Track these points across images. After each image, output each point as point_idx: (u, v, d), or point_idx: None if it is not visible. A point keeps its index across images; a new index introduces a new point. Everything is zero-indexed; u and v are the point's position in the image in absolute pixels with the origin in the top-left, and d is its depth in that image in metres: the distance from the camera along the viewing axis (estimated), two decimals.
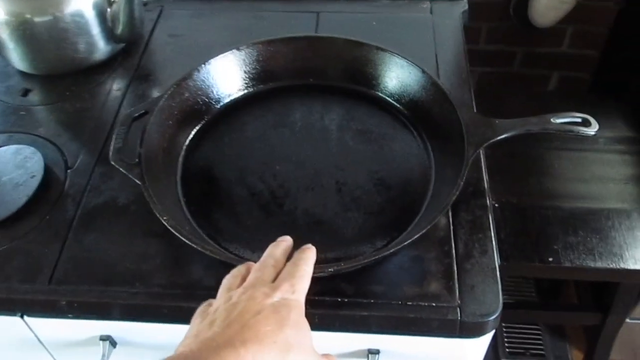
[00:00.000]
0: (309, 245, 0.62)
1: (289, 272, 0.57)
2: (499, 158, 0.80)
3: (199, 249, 0.66)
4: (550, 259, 1.02)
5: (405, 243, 0.67)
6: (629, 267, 1.02)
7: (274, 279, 0.57)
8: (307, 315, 0.56)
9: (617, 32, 1.57)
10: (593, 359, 1.34)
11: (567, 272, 1.03)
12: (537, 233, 1.05)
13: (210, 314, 0.54)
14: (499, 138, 0.77)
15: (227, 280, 0.59)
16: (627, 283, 1.16)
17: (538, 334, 1.69)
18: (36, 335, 0.79)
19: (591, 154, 1.19)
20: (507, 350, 1.55)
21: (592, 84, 1.75)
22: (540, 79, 1.77)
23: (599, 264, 1.02)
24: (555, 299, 1.70)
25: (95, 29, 0.97)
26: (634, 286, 1.19)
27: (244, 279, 0.58)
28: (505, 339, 1.56)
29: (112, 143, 0.77)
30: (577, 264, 1.01)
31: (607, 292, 1.23)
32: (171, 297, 0.71)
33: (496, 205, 0.80)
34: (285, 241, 0.63)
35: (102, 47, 1.00)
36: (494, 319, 0.69)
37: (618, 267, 1.02)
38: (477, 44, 1.67)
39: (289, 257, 0.61)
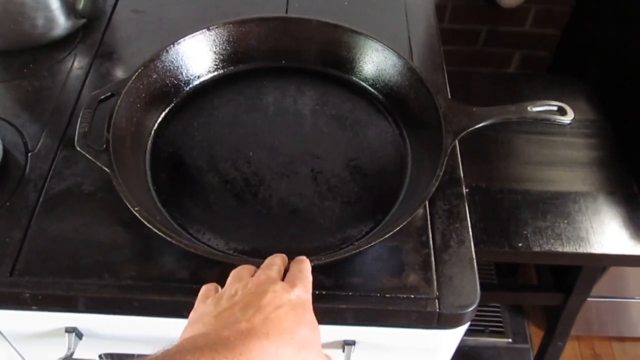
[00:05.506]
0: (304, 257, 0.63)
1: (297, 274, 0.58)
2: (467, 141, 0.79)
3: (174, 242, 0.63)
4: (520, 244, 1.02)
5: (386, 237, 0.65)
6: (594, 252, 1.04)
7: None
8: None
9: (579, 11, 1.58)
10: (554, 336, 1.37)
11: (536, 256, 1.04)
12: (506, 218, 1.06)
13: (226, 296, 0.55)
14: (477, 126, 0.76)
15: (237, 272, 0.59)
16: (591, 265, 1.18)
17: (497, 312, 1.72)
18: None
19: (558, 138, 1.20)
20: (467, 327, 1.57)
21: (552, 64, 1.76)
22: (503, 58, 1.77)
23: (567, 249, 1.03)
24: (513, 278, 1.73)
25: (55, 4, 0.92)
26: (597, 268, 1.21)
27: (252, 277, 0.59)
28: None
29: (78, 127, 0.73)
30: (545, 249, 1.02)
31: (568, 273, 1.25)
32: (142, 289, 0.68)
33: (466, 190, 0.79)
34: (282, 256, 0.62)
35: (62, 23, 0.94)
36: (472, 310, 0.69)
37: (585, 251, 1.03)
38: (442, 22, 1.67)
39: None
